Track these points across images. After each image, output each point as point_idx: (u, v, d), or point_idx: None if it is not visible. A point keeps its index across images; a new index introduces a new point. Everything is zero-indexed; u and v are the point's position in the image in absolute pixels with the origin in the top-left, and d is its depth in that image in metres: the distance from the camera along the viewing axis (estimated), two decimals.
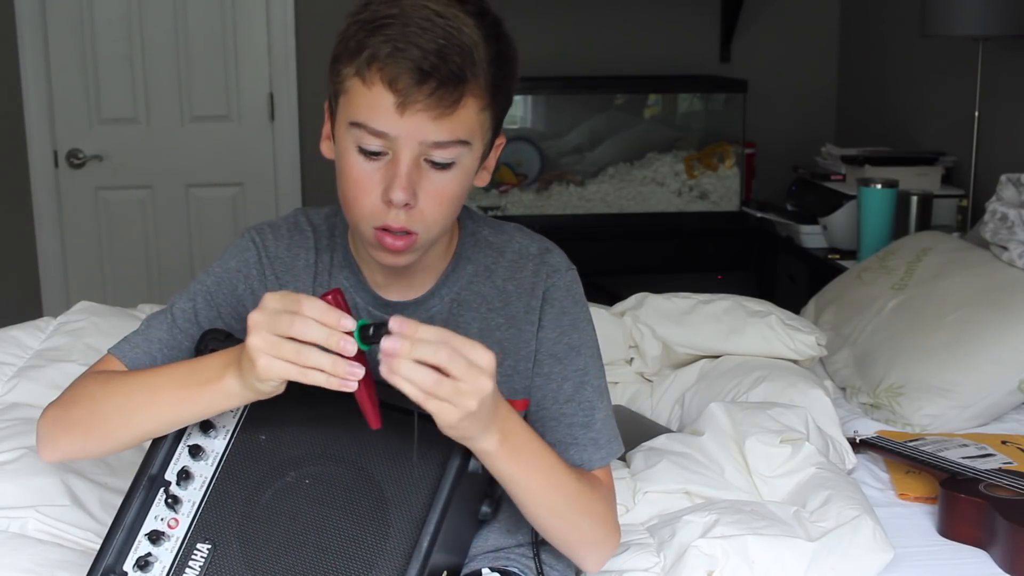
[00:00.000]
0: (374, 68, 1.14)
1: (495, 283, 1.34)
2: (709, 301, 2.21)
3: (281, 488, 1.15)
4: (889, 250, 2.57)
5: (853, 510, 1.49)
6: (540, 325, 1.33)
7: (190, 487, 1.16)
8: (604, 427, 1.34)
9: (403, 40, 1.13)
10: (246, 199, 3.88)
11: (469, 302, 1.34)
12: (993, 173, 2.73)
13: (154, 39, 3.74)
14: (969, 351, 2.07)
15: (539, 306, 1.33)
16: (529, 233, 1.40)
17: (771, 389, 1.94)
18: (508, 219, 1.45)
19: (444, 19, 1.14)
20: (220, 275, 1.36)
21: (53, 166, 3.76)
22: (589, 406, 1.33)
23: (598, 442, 1.33)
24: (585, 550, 1.31)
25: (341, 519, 1.13)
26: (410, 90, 1.13)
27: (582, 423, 1.32)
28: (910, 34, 3.34)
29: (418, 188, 1.18)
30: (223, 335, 1.23)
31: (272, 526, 1.13)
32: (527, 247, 1.37)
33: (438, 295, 1.33)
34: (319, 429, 1.17)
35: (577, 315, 1.35)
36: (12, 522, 1.40)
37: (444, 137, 1.16)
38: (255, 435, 1.18)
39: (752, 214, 3.60)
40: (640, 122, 3.89)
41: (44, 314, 3.13)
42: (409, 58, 1.12)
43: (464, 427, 1.09)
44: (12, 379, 1.82)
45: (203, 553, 1.13)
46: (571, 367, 1.33)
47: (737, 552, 1.38)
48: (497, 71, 1.18)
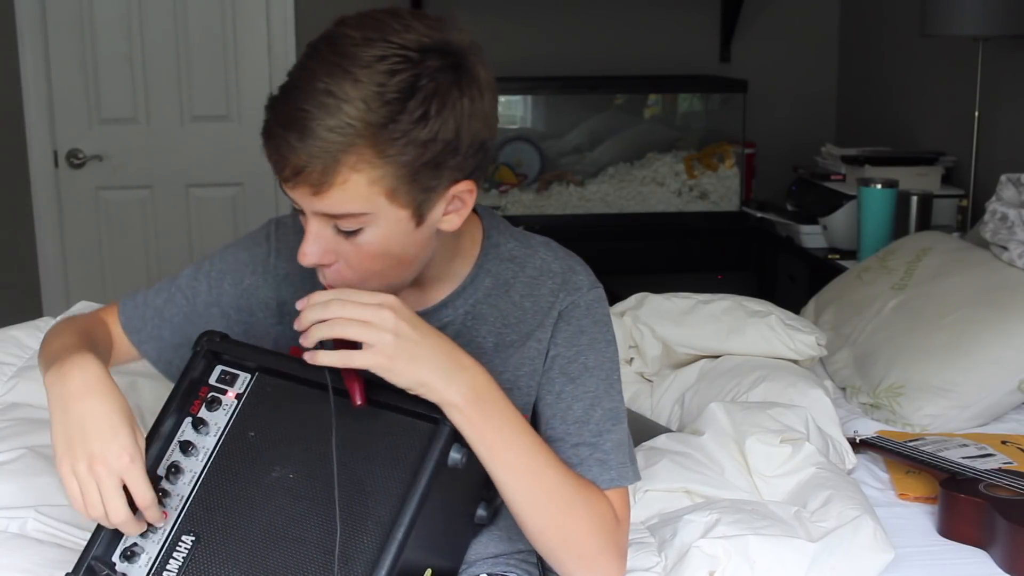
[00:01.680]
0: (264, 143, 1.14)
1: (512, 299, 1.31)
2: (709, 301, 2.21)
3: (266, 484, 1.16)
4: (889, 250, 2.57)
5: (853, 510, 1.49)
6: (552, 343, 1.30)
7: (179, 482, 1.18)
8: (614, 451, 1.28)
9: (279, 118, 1.11)
10: (246, 199, 3.88)
11: (485, 316, 1.31)
12: (993, 173, 2.72)
13: (154, 39, 3.74)
14: (969, 351, 2.07)
15: (552, 323, 1.30)
16: (556, 249, 1.36)
17: (771, 389, 1.94)
18: (508, 219, 1.43)
19: (326, 94, 1.08)
20: (231, 263, 1.37)
21: (53, 166, 3.75)
22: (597, 429, 1.28)
23: (606, 463, 1.27)
24: (575, 566, 1.23)
25: (321, 513, 1.13)
26: (281, 168, 1.12)
27: (589, 443, 1.27)
28: (910, 34, 3.34)
29: (337, 247, 1.16)
30: (219, 336, 1.24)
31: (255, 520, 1.15)
32: (549, 264, 1.33)
33: (452, 305, 1.31)
34: (306, 427, 1.18)
35: (596, 335, 1.31)
36: (11, 522, 1.40)
37: (332, 210, 1.13)
38: (245, 432, 1.20)
39: (752, 214, 3.60)
40: (640, 122, 3.89)
41: (44, 314, 3.13)
42: (275, 138, 1.11)
43: (405, 369, 1.11)
44: (12, 379, 1.82)
45: (187, 545, 1.15)
46: (583, 388, 1.29)
47: (738, 552, 1.38)
48: (404, 141, 1.09)
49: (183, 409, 1.21)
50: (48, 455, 1.53)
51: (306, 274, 1.34)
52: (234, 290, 1.37)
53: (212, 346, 1.23)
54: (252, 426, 1.20)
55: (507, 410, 1.18)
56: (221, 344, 1.23)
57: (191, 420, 1.20)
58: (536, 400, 1.31)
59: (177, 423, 1.21)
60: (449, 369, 1.14)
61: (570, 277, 1.32)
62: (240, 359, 1.23)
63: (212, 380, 1.23)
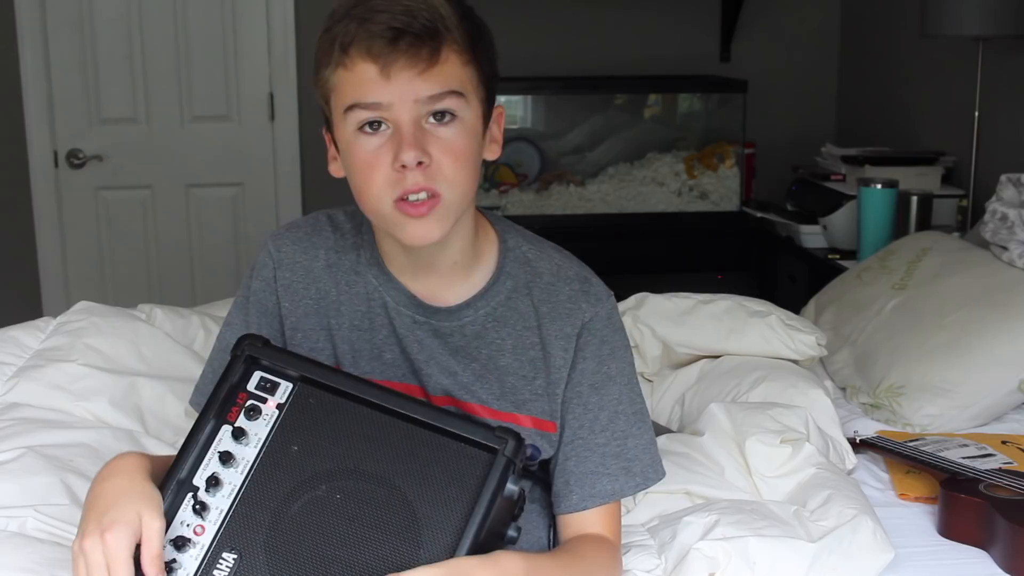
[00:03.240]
0: (350, 49, 1.19)
1: (532, 302, 1.35)
2: (709, 301, 2.21)
3: (311, 501, 1.13)
4: (889, 250, 2.56)
5: (853, 510, 1.49)
6: (580, 356, 1.34)
7: (218, 494, 1.14)
8: (639, 454, 1.35)
9: (369, 14, 1.18)
10: (246, 199, 3.88)
11: (506, 318, 1.34)
12: (993, 173, 2.72)
13: (154, 39, 3.74)
14: (969, 351, 2.07)
15: (576, 335, 1.33)
16: (565, 254, 1.41)
17: (771, 389, 1.94)
18: (511, 219, 1.44)
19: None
20: (253, 301, 1.39)
21: (53, 166, 3.75)
22: (622, 435, 1.34)
23: (631, 470, 1.34)
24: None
25: (371, 537, 1.11)
26: (388, 52, 1.17)
27: (614, 452, 1.33)
28: (910, 34, 3.34)
29: (428, 147, 1.20)
30: (261, 341, 1.21)
31: (300, 539, 1.12)
32: (565, 269, 1.37)
33: (473, 307, 1.33)
34: (353, 444, 1.16)
35: (615, 343, 1.36)
36: (11, 521, 1.40)
37: (434, 90, 1.19)
38: (287, 445, 1.16)
39: (752, 214, 3.60)
40: (640, 122, 3.89)
41: (44, 314, 3.12)
42: (379, 23, 1.17)
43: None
44: (12, 379, 1.82)
45: (228, 563, 1.11)
46: (607, 396, 1.34)
47: (738, 553, 1.38)
48: (471, 30, 1.23)
49: (221, 416, 1.18)
50: (47, 455, 1.53)
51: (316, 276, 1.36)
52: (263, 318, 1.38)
53: (252, 351, 1.20)
54: (295, 439, 1.16)
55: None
56: (262, 349, 1.20)
57: (230, 429, 1.17)
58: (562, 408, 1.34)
59: (214, 430, 1.17)
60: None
61: (588, 287, 1.36)
62: (282, 367, 1.20)
63: (251, 387, 1.19)
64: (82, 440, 1.60)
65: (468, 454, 1.12)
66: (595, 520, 1.34)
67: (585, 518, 1.34)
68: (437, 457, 1.14)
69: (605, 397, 1.34)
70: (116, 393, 1.77)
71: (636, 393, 1.38)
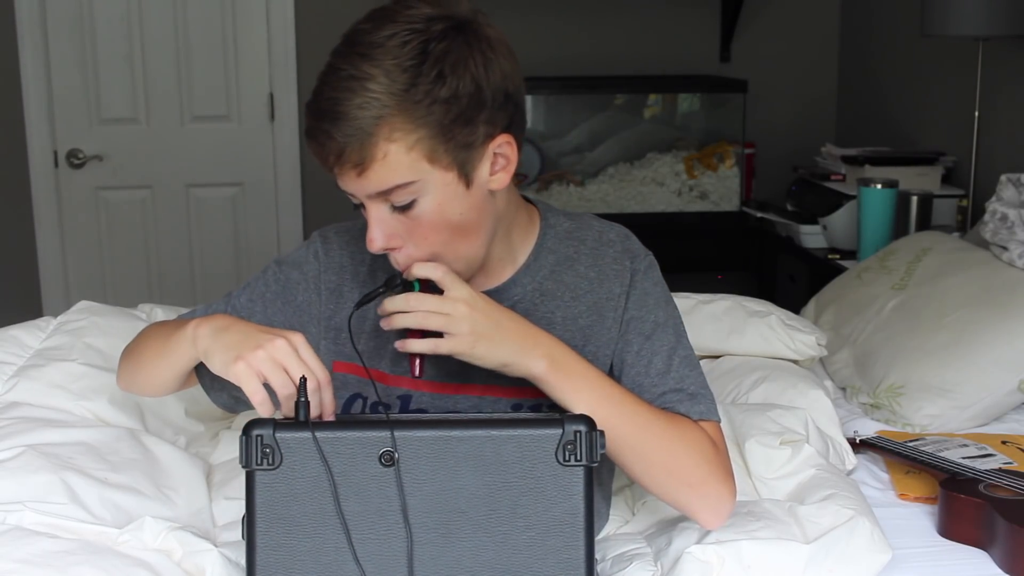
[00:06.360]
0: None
1: (578, 271, 1.40)
2: (709, 301, 2.21)
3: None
4: (889, 250, 2.56)
5: (850, 511, 1.48)
6: (627, 308, 1.39)
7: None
8: (700, 390, 1.38)
9: (313, 113, 1.20)
10: (246, 199, 3.88)
11: (552, 292, 1.38)
12: (993, 173, 2.72)
13: (154, 39, 3.74)
14: (969, 351, 2.07)
15: (625, 292, 1.39)
16: (602, 220, 1.46)
17: (771, 390, 1.94)
18: None
19: (350, 79, 1.17)
20: (283, 283, 1.42)
21: (53, 166, 3.76)
22: (679, 376, 1.37)
23: (695, 396, 1.36)
24: (687, 496, 1.32)
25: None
26: (325, 158, 1.21)
27: (675, 389, 1.36)
28: (910, 34, 3.34)
29: (402, 230, 1.24)
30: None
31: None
32: (606, 234, 1.43)
33: (519, 283, 1.38)
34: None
35: (659, 295, 1.42)
36: (9, 515, 1.40)
37: (379, 187, 1.20)
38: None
39: (752, 214, 3.60)
40: (640, 122, 3.89)
41: (44, 314, 3.12)
42: (315, 128, 1.20)
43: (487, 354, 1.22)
44: (12, 378, 1.82)
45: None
46: (659, 342, 1.38)
47: (732, 557, 1.37)
48: (426, 95, 1.17)
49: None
50: (47, 453, 1.53)
51: (362, 279, 1.40)
52: (287, 308, 1.41)
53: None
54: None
55: (587, 370, 1.27)
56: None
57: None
58: (617, 362, 1.38)
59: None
60: (526, 346, 1.24)
61: (629, 245, 1.43)
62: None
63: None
64: (82, 439, 1.60)
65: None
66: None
67: None
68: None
69: (656, 343, 1.38)
70: (116, 392, 1.77)
71: (686, 341, 1.42)
